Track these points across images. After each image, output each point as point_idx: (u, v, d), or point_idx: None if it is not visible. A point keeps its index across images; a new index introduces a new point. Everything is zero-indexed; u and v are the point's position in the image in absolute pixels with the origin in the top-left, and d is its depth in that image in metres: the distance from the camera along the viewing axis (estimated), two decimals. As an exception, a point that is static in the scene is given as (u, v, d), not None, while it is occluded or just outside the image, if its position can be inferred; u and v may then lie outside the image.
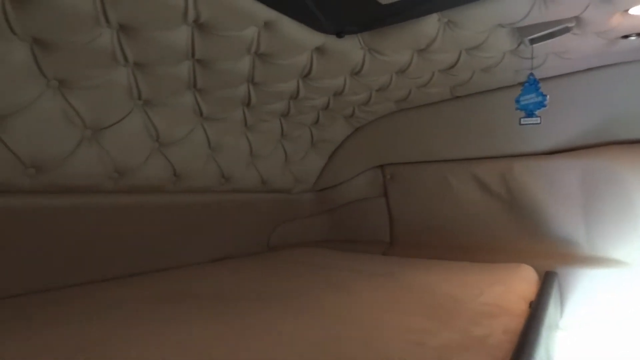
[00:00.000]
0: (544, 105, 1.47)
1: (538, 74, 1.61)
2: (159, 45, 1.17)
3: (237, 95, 1.55)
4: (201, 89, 1.46)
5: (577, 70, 1.73)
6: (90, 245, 1.44)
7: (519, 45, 1.49)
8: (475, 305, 1.22)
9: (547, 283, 1.49)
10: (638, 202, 1.63)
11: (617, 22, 1.27)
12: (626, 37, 1.40)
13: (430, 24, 1.31)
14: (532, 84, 1.50)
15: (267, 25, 1.21)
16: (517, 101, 1.52)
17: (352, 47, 1.42)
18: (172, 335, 0.94)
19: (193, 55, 1.26)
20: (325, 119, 2.04)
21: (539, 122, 1.49)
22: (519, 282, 1.48)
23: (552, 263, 1.77)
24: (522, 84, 1.59)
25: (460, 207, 2.08)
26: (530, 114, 1.49)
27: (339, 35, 1.33)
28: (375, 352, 0.88)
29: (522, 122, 1.51)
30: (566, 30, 1.32)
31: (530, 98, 1.49)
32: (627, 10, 1.20)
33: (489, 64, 1.64)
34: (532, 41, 1.42)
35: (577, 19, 1.27)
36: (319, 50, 1.42)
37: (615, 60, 1.64)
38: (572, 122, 1.76)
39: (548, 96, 1.48)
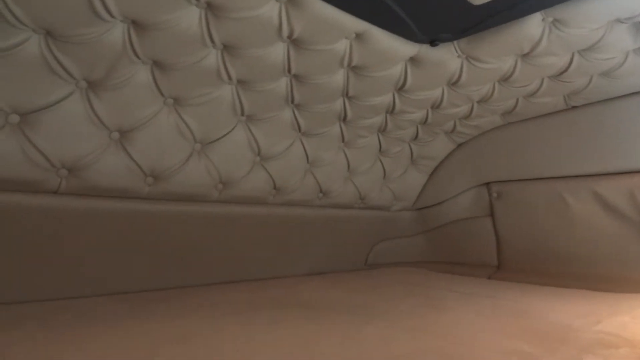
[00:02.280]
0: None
1: None
2: (258, 63, 1.26)
3: (334, 109, 1.60)
4: (299, 104, 1.53)
5: None
6: (195, 251, 1.57)
7: (644, 42, 1.33)
8: (590, 334, 1.07)
9: None
10: None
11: None
12: None
13: (534, 25, 1.22)
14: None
15: (359, 37, 1.23)
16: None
17: (447, 56, 1.38)
18: (261, 335, 0.99)
19: (289, 70, 1.33)
20: (425, 134, 1.99)
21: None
22: (652, 315, 1.27)
23: None
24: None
25: (578, 230, 1.86)
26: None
27: (433, 43, 1.31)
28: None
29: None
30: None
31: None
32: None
33: (609, 66, 1.48)
34: (660, 35, 1.25)
35: None
36: (413, 60, 1.40)
37: None
38: None
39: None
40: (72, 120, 1.15)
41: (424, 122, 1.85)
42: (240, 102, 1.42)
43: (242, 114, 1.47)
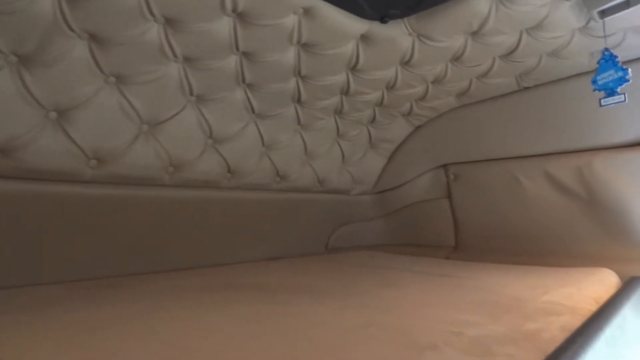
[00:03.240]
0: (627, 80, 1.30)
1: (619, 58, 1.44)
2: (203, 38, 1.21)
3: (287, 90, 1.57)
4: (250, 84, 1.49)
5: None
6: (146, 237, 1.52)
7: (588, 21, 1.35)
8: (536, 304, 1.10)
9: (627, 286, 1.30)
10: None
11: None
12: None
13: (481, 2, 1.23)
14: (608, 59, 1.34)
15: (307, 12, 1.21)
16: (594, 82, 1.37)
17: (399, 34, 1.37)
18: (214, 319, 0.96)
19: (237, 47, 1.29)
20: (383, 117, 1.99)
21: (623, 99, 1.32)
22: (594, 285, 1.31)
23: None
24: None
25: (532, 208, 1.91)
26: (611, 93, 1.32)
27: (383, 20, 1.30)
28: (407, 337, 0.83)
29: (602, 104, 1.35)
30: (641, -4, 1.17)
31: (609, 75, 1.33)
32: None
33: (557, 46, 1.50)
34: (602, 14, 1.28)
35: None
36: (365, 38, 1.39)
37: None
38: None
39: (630, 69, 1.31)
40: (3, 98, 1.08)
41: (380, 103, 1.84)
42: (188, 81, 1.37)
43: (191, 94, 1.42)
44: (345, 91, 1.67)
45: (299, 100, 1.66)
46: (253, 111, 1.61)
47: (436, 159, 2.20)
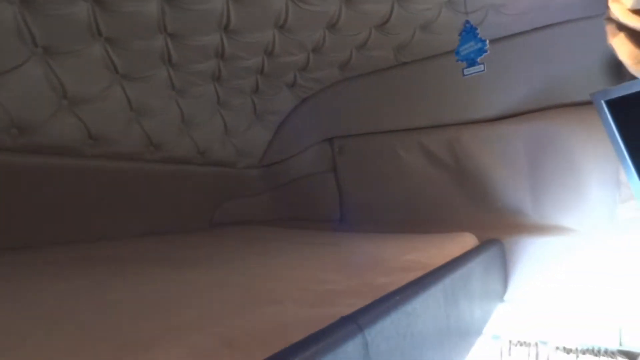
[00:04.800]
0: (485, 51, 1.39)
1: (481, 35, 1.53)
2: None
3: (154, 48, 1.44)
4: (109, 37, 1.34)
5: (520, 32, 1.65)
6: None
7: (451, -5, 1.41)
8: (396, 263, 1.14)
9: (480, 247, 1.41)
10: (582, 166, 1.57)
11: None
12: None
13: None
14: (469, 31, 1.42)
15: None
16: (457, 52, 1.44)
17: (270, -8, 1.32)
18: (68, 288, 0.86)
19: (88, -8, 1.15)
20: (266, 87, 1.94)
21: (483, 69, 1.41)
22: (454, 246, 1.40)
23: (499, 233, 1.70)
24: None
25: (410, 180, 1.99)
26: (472, 63, 1.41)
27: (251, -25, 1.23)
28: (254, 295, 0.80)
29: (465, 73, 1.43)
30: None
31: (470, 46, 1.41)
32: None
33: (426, 19, 1.56)
34: (462, -12, 1.34)
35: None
36: (234, -6, 1.32)
37: (557, 19, 1.56)
38: (517, 86, 1.69)
39: (487, 40, 1.39)
40: None
41: (261, 71, 1.78)
42: (29, 28, 1.19)
43: (36, 44, 1.24)
44: (221, 54, 1.59)
45: (170, 62, 1.54)
46: (117, 71, 1.46)
47: (322, 132, 2.20)
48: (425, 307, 0.76)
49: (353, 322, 0.55)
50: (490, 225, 1.77)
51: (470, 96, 1.78)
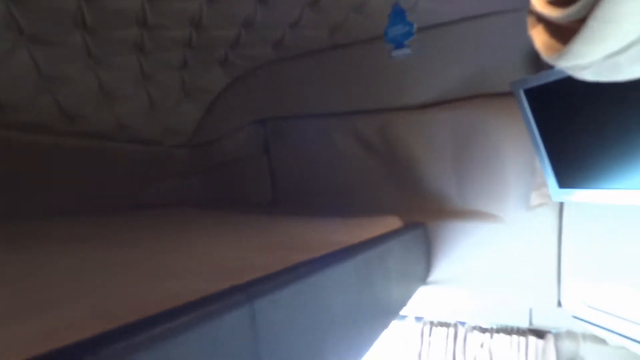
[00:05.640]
0: (412, 34, 1.40)
1: (412, 21, 1.54)
2: None
3: (64, 9, 1.32)
4: (10, -7, 1.21)
5: (451, 21, 1.68)
6: None
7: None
8: (316, 243, 1.12)
9: (401, 228, 1.43)
10: (503, 154, 1.63)
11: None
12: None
13: None
14: (397, 13, 1.42)
15: None
16: (386, 34, 1.44)
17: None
18: None
19: None
20: (196, 62, 1.85)
21: (409, 52, 1.42)
22: (378, 228, 1.41)
23: (425, 217, 1.74)
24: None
25: (342, 164, 1.99)
26: (399, 45, 1.41)
27: None
28: (156, 270, 0.75)
29: (392, 55, 1.44)
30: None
31: (398, 29, 1.42)
32: None
33: (359, 0, 1.54)
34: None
35: None
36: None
37: (486, 10, 1.60)
38: (446, 74, 1.72)
39: (415, 24, 1.41)
40: None
41: (189, 44, 1.70)
42: None
43: None
44: (143, 22, 1.49)
45: (84, 26, 1.42)
46: (21, 32, 1.33)
47: (255, 113, 2.15)
48: (333, 282, 0.75)
49: (242, 292, 0.52)
50: (417, 209, 1.81)
51: (401, 82, 1.80)
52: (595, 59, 0.65)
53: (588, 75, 0.79)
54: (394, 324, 2.05)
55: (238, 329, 0.50)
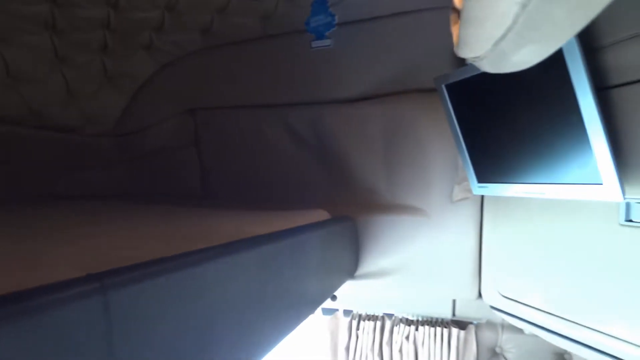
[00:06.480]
0: (333, 26, 1.38)
1: (344, 16, 1.52)
2: None
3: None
4: None
5: (380, 15, 1.68)
6: None
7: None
8: (228, 234, 1.07)
9: (321, 221, 1.41)
10: (428, 149, 1.65)
11: None
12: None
13: None
14: (320, 3, 1.40)
15: None
16: (307, 24, 1.42)
17: None
18: None
19: None
20: (118, 45, 1.74)
21: (329, 44, 1.40)
22: (302, 220, 1.38)
23: (354, 211, 1.74)
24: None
25: (273, 157, 1.95)
26: (320, 36, 1.39)
27: None
28: (33, 260, 0.68)
29: (313, 46, 1.42)
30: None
31: (319, 19, 1.40)
32: None
33: None
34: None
35: None
36: None
37: (416, 6, 1.62)
38: (377, 68, 1.73)
39: (337, 15, 1.39)
40: None
41: (108, 26, 1.59)
42: None
43: None
44: (52, -2, 1.38)
45: (-18, -2, 1.30)
46: None
47: (184, 102, 2.06)
48: (223, 273, 0.72)
49: (97, 281, 0.47)
50: (347, 203, 1.81)
51: (333, 76, 1.79)
52: (483, 47, 0.65)
53: (487, 67, 0.80)
54: (324, 318, 2.04)
55: (89, 319, 0.45)
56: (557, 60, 0.95)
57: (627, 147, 0.98)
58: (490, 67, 0.72)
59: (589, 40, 0.99)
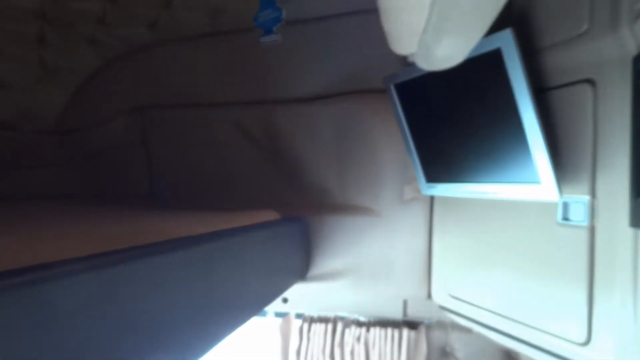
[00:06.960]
0: (280, 20, 1.35)
1: (295, 14, 1.49)
2: None
3: None
4: None
5: (333, 14, 1.66)
6: None
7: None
8: (162, 236, 1.02)
9: (266, 222, 1.38)
10: (380, 150, 1.64)
11: None
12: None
13: None
14: (268, -2, 1.37)
15: None
16: (256, 19, 1.38)
17: None
18: None
19: None
20: (56, 38, 1.65)
21: (276, 39, 1.37)
22: (249, 221, 1.34)
23: (306, 212, 1.71)
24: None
25: (224, 157, 1.90)
26: (268, 31, 1.36)
27: None
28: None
29: (261, 41, 1.38)
30: None
31: (267, 14, 1.36)
32: None
33: None
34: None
35: None
36: None
37: (368, 6, 1.61)
38: (329, 68, 1.70)
39: (284, 10, 1.36)
40: None
41: (43, 16, 1.51)
42: None
43: None
44: (-23, -16, 1.29)
45: None
46: None
47: (132, 100, 1.97)
48: (144, 272, 0.67)
49: None
50: (298, 204, 1.78)
51: (284, 74, 1.75)
52: (411, 41, 0.64)
53: (421, 63, 0.79)
54: (276, 321, 2.00)
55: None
56: (496, 62, 0.96)
57: (566, 147, 0.99)
58: (423, 63, 0.71)
59: (530, 41, 1.00)
